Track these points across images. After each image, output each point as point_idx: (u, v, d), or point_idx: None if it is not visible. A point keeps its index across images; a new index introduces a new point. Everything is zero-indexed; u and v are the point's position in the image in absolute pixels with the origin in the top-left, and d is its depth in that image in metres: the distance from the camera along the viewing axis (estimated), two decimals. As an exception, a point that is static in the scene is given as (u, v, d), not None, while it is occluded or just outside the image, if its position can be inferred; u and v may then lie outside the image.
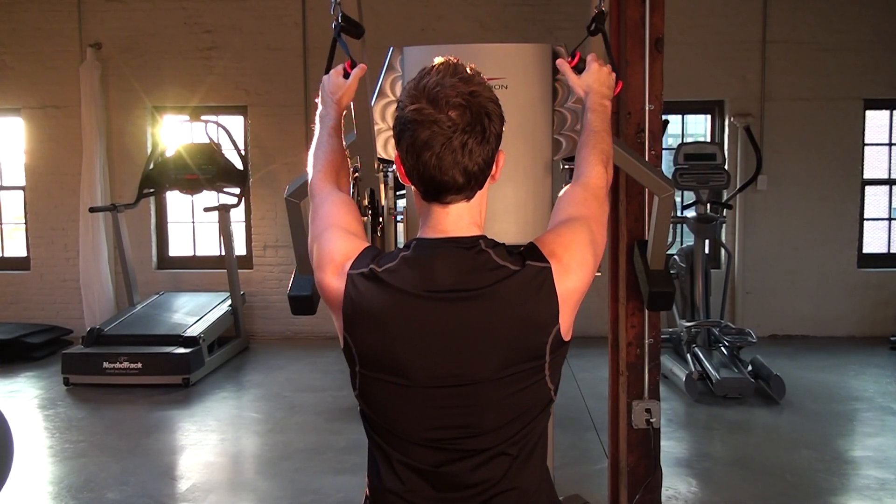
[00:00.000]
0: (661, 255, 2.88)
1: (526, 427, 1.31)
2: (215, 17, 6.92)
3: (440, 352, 1.27)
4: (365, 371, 1.31)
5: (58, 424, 4.90)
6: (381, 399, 1.31)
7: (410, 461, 1.31)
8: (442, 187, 1.28)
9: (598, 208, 1.46)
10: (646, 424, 3.13)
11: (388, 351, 1.28)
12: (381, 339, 1.28)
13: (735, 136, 6.80)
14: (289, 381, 5.75)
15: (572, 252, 1.33)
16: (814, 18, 6.70)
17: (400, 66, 2.63)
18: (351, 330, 1.30)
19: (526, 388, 1.29)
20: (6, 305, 7.20)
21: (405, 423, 1.30)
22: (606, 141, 1.60)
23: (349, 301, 1.30)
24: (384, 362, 1.29)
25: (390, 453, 1.33)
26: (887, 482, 3.86)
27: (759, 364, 5.30)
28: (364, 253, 1.34)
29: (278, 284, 6.99)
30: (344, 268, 1.33)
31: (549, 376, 1.31)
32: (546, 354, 1.29)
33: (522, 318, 1.27)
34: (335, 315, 1.35)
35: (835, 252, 6.85)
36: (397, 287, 1.28)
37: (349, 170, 1.67)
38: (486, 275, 1.27)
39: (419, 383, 1.28)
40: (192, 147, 6.43)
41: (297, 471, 4.09)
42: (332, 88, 1.69)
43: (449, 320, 1.26)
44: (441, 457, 1.30)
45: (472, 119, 1.24)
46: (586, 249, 1.36)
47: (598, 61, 1.72)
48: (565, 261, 1.31)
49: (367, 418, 1.35)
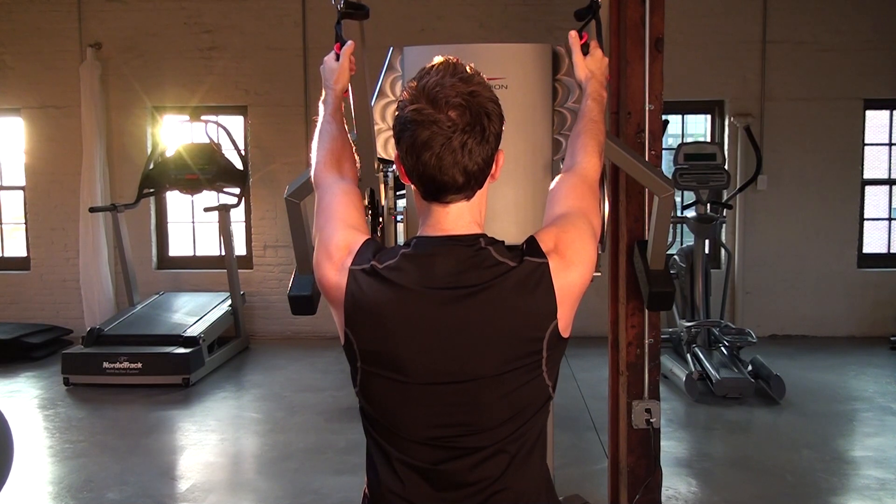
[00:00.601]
0: (661, 255, 2.88)
1: (525, 425, 1.31)
2: (215, 17, 6.92)
3: (440, 349, 1.27)
4: (366, 367, 1.31)
5: (58, 424, 4.90)
6: (381, 395, 1.32)
7: (409, 459, 1.31)
8: (442, 187, 1.28)
9: (594, 199, 1.48)
10: (646, 424, 3.13)
11: (389, 347, 1.28)
12: (381, 335, 1.28)
13: (735, 136, 6.80)
14: (289, 381, 5.75)
15: (575, 247, 1.33)
16: (814, 18, 6.70)
17: (400, 66, 2.63)
18: (352, 326, 1.31)
19: (524, 384, 1.29)
20: (6, 305, 7.20)
21: (404, 421, 1.30)
22: (602, 131, 1.62)
23: (350, 297, 1.31)
24: (384, 359, 1.29)
25: (389, 451, 1.33)
26: (887, 482, 3.86)
27: (759, 364, 5.30)
28: (364, 247, 1.35)
29: (278, 284, 6.99)
30: (345, 263, 1.33)
31: (546, 372, 1.31)
32: (543, 350, 1.29)
33: (520, 312, 1.27)
34: (336, 311, 1.35)
35: (835, 252, 6.85)
36: (398, 284, 1.28)
37: (353, 154, 1.66)
38: (485, 271, 1.28)
39: (419, 380, 1.28)
40: (192, 147, 6.44)
41: (297, 471, 4.09)
42: (327, 73, 1.71)
43: (448, 317, 1.27)
44: (440, 455, 1.30)
45: (472, 119, 1.24)
46: (588, 243, 1.36)
47: (600, 49, 1.73)
48: (568, 256, 1.32)
49: (367, 415, 1.36)
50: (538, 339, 1.28)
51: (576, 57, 1.74)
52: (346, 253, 1.34)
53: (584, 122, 1.62)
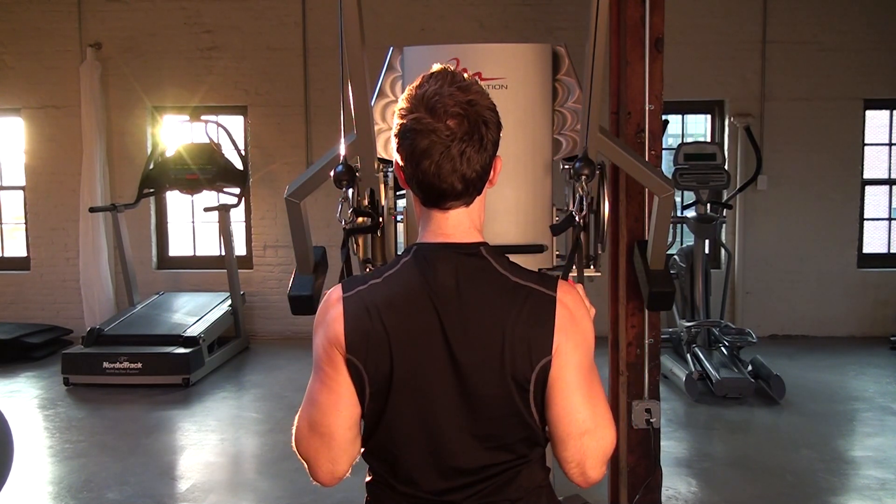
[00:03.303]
0: (661, 255, 2.88)
1: (525, 427, 1.31)
2: (215, 17, 6.92)
3: (438, 355, 1.27)
4: (373, 390, 1.29)
5: (58, 424, 4.91)
6: (385, 404, 1.31)
7: (409, 461, 1.31)
8: (441, 194, 1.29)
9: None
10: (646, 424, 3.14)
11: (391, 357, 1.28)
12: (386, 348, 1.27)
13: (735, 136, 6.80)
14: (289, 381, 5.75)
15: (583, 327, 1.32)
16: (814, 18, 6.70)
17: (400, 66, 2.63)
18: (355, 352, 1.28)
19: (523, 396, 1.29)
20: (6, 305, 7.20)
21: (404, 423, 1.30)
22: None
23: (350, 323, 1.28)
24: (389, 371, 1.28)
25: (389, 452, 1.33)
26: (887, 482, 3.86)
27: (759, 364, 5.30)
28: (343, 286, 1.33)
29: (278, 284, 6.99)
30: (332, 316, 1.30)
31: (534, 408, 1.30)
32: (531, 383, 1.28)
33: (518, 336, 1.26)
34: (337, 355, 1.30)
35: (835, 252, 6.85)
36: (400, 292, 1.28)
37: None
38: (485, 283, 1.28)
39: (418, 385, 1.28)
40: (192, 147, 6.44)
41: (297, 471, 4.09)
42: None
43: (449, 325, 1.27)
44: (440, 457, 1.30)
45: (470, 128, 1.26)
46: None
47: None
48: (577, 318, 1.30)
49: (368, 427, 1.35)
50: (527, 369, 1.27)
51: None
52: (336, 335, 1.29)
53: None
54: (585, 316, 1.32)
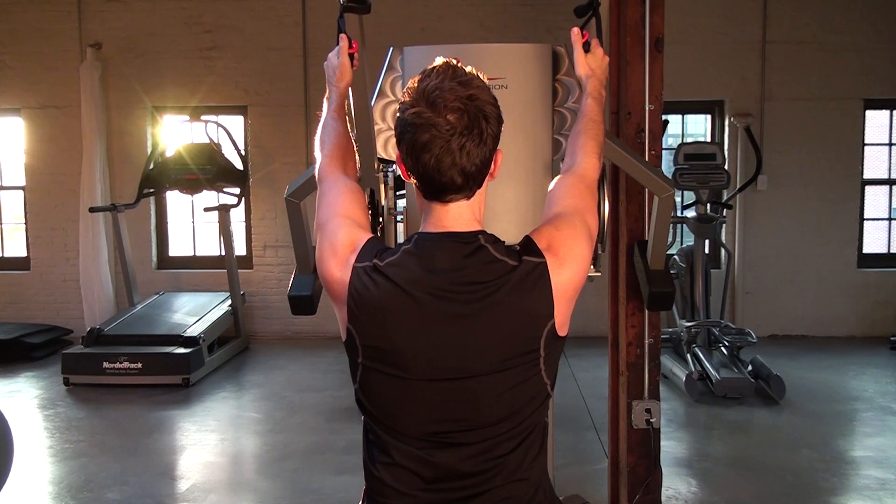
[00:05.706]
0: (661, 255, 2.88)
1: (523, 422, 1.32)
2: (215, 17, 6.92)
3: (439, 344, 1.29)
4: (367, 363, 1.33)
5: (58, 424, 4.90)
6: (381, 391, 1.33)
7: (406, 453, 1.32)
8: (441, 187, 1.31)
9: (592, 200, 1.49)
10: (646, 424, 3.13)
11: (390, 343, 1.30)
12: (383, 331, 1.30)
13: (735, 136, 6.80)
14: (289, 381, 5.75)
15: (568, 246, 1.35)
16: (814, 18, 6.70)
17: (400, 66, 2.63)
18: (355, 322, 1.32)
19: (523, 382, 1.31)
20: (6, 305, 7.20)
21: (403, 416, 1.32)
22: (602, 131, 1.64)
23: (354, 293, 1.32)
24: (385, 354, 1.31)
25: (387, 446, 1.34)
26: (887, 482, 3.86)
27: (759, 364, 5.30)
28: (368, 246, 1.36)
29: (278, 284, 6.99)
30: (349, 260, 1.35)
31: (545, 371, 1.32)
32: (541, 348, 1.30)
33: (518, 311, 1.29)
34: (338, 307, 1.36)
35: (835, 252, 6.85)
36: (399, 279, 1.30)
37: (355, 153, 1.69)
38: (484, 269, 1.30)
39: (418, 375, 1.29)
40: (192, 147, 6.44)
41: (297, 471, 4.09)
42: (330, 71, 1.75)
43: (448, 314, 1.28)
44: (438, 450, 1.31)
45: (470, 122, 1.27)
46: (583, 243, 1.38)
47: (601, 47, 1.75)
48: (561, 254, 1.33)
49: (365, 410, 1.37)
50: (535, 338, 1.30)
51: (577, 54, 1.76)
52: (351, 250, 1.36)
53: (583, 122, 1.63)
54: (572, 245, 1.36)
